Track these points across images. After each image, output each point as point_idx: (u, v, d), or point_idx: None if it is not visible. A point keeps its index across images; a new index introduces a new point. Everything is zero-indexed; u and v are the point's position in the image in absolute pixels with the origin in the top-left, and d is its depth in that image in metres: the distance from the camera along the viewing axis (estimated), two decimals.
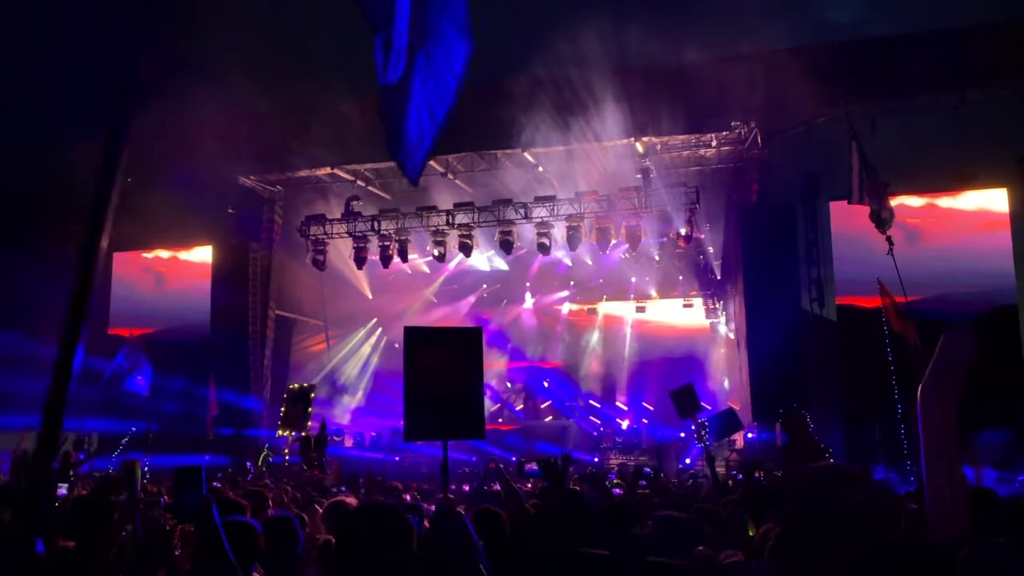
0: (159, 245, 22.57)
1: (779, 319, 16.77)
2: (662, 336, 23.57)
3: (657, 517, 2.64)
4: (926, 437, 3.67)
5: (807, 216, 18.00)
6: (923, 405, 3.72)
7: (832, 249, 17.36)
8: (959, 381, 3.76)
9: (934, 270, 15.54)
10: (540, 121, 16.69)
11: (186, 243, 22.42)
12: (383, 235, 20.72)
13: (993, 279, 16.15)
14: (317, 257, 21.22)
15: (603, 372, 24.15)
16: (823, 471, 2.49)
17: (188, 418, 18.42)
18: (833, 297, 17.34)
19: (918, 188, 16.82)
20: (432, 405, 5.58)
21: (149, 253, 22.78)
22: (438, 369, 5.57)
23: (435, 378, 5.55)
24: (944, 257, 16.17)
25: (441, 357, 5.63)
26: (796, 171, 17.51)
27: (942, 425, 3.65)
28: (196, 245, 22.37)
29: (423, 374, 5.58)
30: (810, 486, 2.31)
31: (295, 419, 16.92)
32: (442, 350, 5.73)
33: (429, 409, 5.59)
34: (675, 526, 3.11)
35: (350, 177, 21.19)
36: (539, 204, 19.62)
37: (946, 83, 16.56)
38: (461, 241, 20.28)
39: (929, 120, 16.60)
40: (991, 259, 16.38)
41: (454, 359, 5.66)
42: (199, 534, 3.12)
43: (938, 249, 16.38)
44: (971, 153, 15.62)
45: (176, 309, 21.66)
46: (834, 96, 16.23)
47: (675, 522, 3.15)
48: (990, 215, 16.88)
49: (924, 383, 3.77)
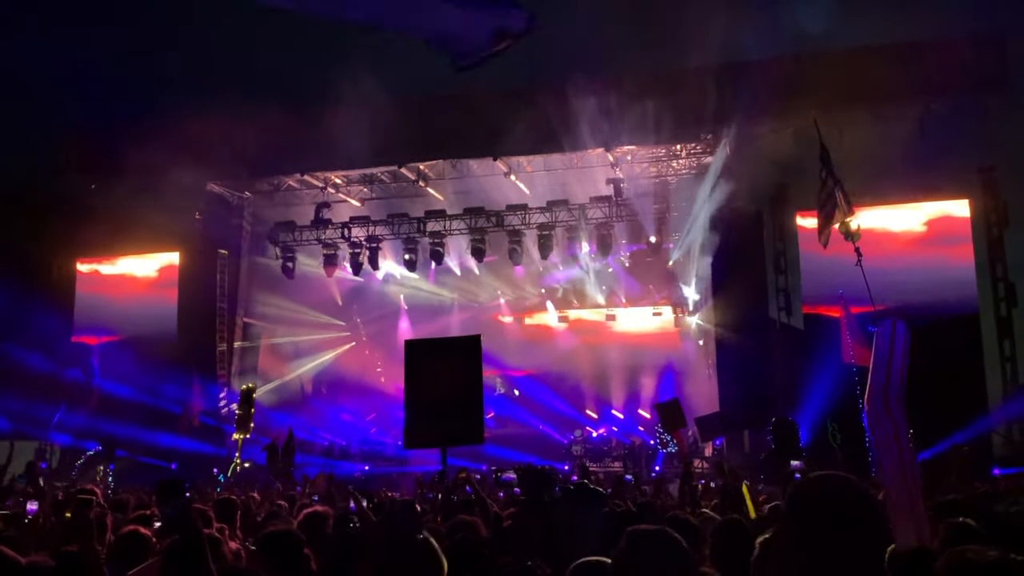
0: (125, 251, 22.14)
1: (747, 327, 16.93)
2: (632, 344, 23.65)
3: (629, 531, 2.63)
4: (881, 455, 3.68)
5: (775, 226, 18.20)
6: (872, 426, 3.74)
7: (799, 259, 17.56)
8: (902, 384, 3.77)
9: (896, 279, 15.77)
10: (513, 130, 16.70)
11: (152, 249, 22.01)
12: (353, 242, 20.62)
13: (955, 288, 16.44)
14: (287, 264, 21.05)
15: (573, 380, 24.15)
16: (821, 478, 2.47)
17: (159, 416, 18.41)
18: (800, 305, 17.53)
19: (882, 198, 17.08)
20: (432, 414, 5.67)
21: (114, 260, 22.37)
22: (438, 378, 5.66)
23: (435, 387, 5.64)
24: (906, 267, 16.42)
25: (441, 367, 5.73)
26: (764, 181, 17.69)
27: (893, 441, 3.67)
28: (162, 251, 21.96)
29: (424, 385, 5.67)
30: (809, 493, 2.29)
31: (243, 421, 16.75)
32: (442, 360, 5.83)
33: (429, 418, 5.67)
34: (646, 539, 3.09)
35: (319, 184, 21.03)
36: (511, 212, 19.65)
37: (911, 94, 16.85)
38: (432, 248, 20.23)
39: (893, 131, 16.85)
40: (953, 268, 16.68)
41: (453, 368, 5.76)
42: (183, 543, 3.16)
43: (900, 258, 16.64)
44: (934, 164, 15.88)
45: (141, 316, 21.26)
46: (802, 106, 16.44)
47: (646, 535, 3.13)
48: (952, 224, 17.21)
49: (867, 404, 3.78)
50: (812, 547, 1.93)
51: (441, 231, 20.18)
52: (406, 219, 20.56)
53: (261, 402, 19.82)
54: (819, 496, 1.99)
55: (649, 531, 2.29)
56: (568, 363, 24.03)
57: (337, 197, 21.33)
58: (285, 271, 21.08)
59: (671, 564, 2.21)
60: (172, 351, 20.07)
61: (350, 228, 20.57)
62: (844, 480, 2.01)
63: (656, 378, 22.69)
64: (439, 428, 5.58)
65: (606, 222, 19.26)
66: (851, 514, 1.94)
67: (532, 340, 25.07)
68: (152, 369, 19.03)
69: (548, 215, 19.51)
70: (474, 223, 19.93)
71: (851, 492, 1.98)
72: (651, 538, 2.26)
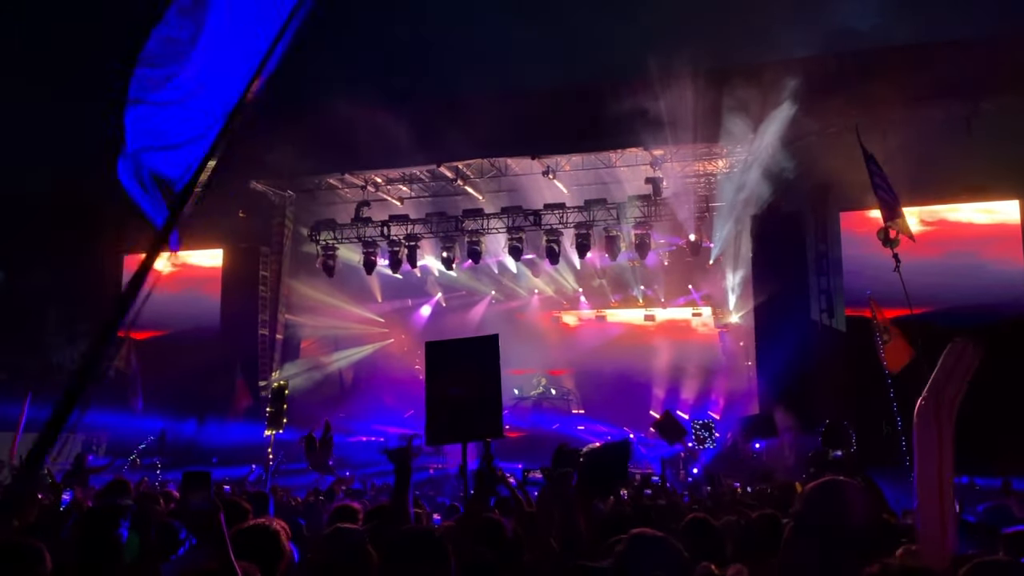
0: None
1: (789, 329, 16.69)
2: (670, 344, 23.46)
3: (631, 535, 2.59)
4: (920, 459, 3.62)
5: (817, 226, 17.94)
6: (918, 426, 3.68)
7: (842, 260, 17.28)
8: (958, 396, 3.71)
9: (945, 281, 15.45)
10: (551, 128, 16.70)
11: (196, 246, 22.47)
12: (392, 240, 20.80)
13: (1004, 290, 16.05)
14: (327, 262, 21.31)
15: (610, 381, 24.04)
16: (832, 484, 2.48)
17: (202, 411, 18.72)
18: (843, 308, 17.25)
19: (930, 198, 16.74)
20: (451, 411, 5.84)
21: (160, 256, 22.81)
22: (457, 377, 5.82)
23: (454, 386, 5.81)
24: (955, 268, 16.08)
25: (460, 365, 5.89)
26: (807, 181, 17.45)
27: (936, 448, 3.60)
28: (207, 248, 22.42)
29: (443, 383, 5.85)
30: (818, 499, 2.30)
31: (275, 418, 16.93)
32: (461, 359, 6.00)
33: (449, 414, 5.83)
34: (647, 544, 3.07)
35: (360, 183, 21.25)
36: (549, 211, 19.64)
37: (958, 94, 16.49)
38: (470, 247, 20.33)
39: (941, 130, 16.52)
40: (1002, 270, 16.28)
41: (471, 368, 5.91)
42: (206, 540, 3.11)
43: (949, 260, 16.29)
44: (982, 164, 15.54)
45: (186, 312, 21.70)
46: (846, 105, 16.19)
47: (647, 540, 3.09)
48: (1001, 226, 16.79)
49: (921, 401, 3.71)
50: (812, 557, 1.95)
51: (479, 229, 20.26)
52: (444, 217, 20.68)
53: (298, 396, 20.07)
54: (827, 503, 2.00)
55: (648, 536, 2.28)
56: (605, 363, 23.92)
57: (377, 196, 21.53)
58: (326, 268, 21.34)
59: (664, 570, 2.20)
60: (215, 347, 20.45)
61: (389, 226, 20.76)
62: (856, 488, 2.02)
63: (695, 378, 22.49)
64: (458, 424, 5.70)
65: (644, 221, 19.14)
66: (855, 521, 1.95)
67: (569, 339, 25.04)
68: (196, 364, 19.41)
69: (586, 214, 19.46)
70: (512, 222, 19.98)
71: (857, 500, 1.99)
72: (650, 543, 2.26)
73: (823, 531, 2.16)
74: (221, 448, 18.56)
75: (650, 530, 2.37)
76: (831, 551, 2.12)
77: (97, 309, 20.50)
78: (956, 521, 3.58)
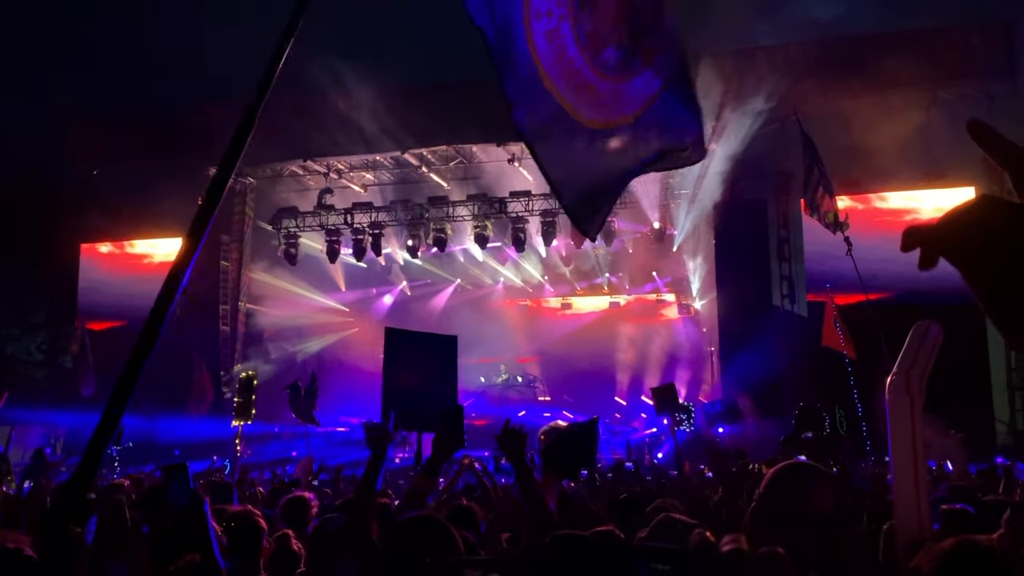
0: (127, 236, 22.13)
1: (751, 315, 16.88)
2: (634, 330, 23.60)
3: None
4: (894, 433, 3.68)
5: (778, 213, 18.14)
6: (891, 401, 3.74)
7: (803, 246, 17.50)
8: (925, 374, 3.78)
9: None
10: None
11: (155, 234, 21.99)
12: (356, 228, 20.58)
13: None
14: (289, 251, 21.03)
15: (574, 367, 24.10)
16: (792, 467, 2.48)
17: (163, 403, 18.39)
18: (804, 293, 17.49)
19: (890, 185, 17.00)
20: (408, 400, 5.78)
21: (116, 244, 22.36)
22: (415, 369, 5.81)
23: (412, 377, 5.78)
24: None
25: (418, 359, 5.88)
26: (769, 168, 17.62)
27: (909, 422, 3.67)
28: (165, 236, 21.93)
29: (401, 373, 5.83)
30: (779, 482, 2.29)
31: (243, 409, 16.64)
32: (419, 352, 6.00)
33: (406, 404, 5.78)
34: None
35: (322, 170, 20.96)
36: (514, 199, 19.59)
37: (918, 82, 16.74)
38: (435, 235, 20.20)
39: (899, 118, 16.77)
40: None
41: (430, 362, 5.90)
42: (188, 530, 3.08)
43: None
44: (940, 151, 15.80)
45: (144, 304, 21.20)
46: (807, 93, 16.35)
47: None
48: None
49: (892, 377, 3.78)
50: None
51: (444, 217, 20.14)
52: (408, 205, 20.51)
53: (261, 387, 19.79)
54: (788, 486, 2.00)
55: (574, 537, 2.19)
56: (571, 350, 23.98)
57: (340, 183, 21.27)
58: (288, 257, 21.06)
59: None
60: (175, 338, 20.07)
61: (353, 214, 20.53)
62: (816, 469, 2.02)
63: (658, 365, 22.66)
64: (415, 415, 5.65)
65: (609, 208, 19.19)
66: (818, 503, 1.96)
67: (533, 326, 25.06)
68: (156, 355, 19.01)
69: (551, 202, 19.43)
70: (477, 210, 19.88)
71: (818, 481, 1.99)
72: (575, 544, 2.16)
73: (785, 517, 2.15)
74: (181, 441, 18.28)
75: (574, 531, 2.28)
76: (792, 536, 2.12)
77: (53, 298, 20.03)
78: (930, 492, 3.65)
